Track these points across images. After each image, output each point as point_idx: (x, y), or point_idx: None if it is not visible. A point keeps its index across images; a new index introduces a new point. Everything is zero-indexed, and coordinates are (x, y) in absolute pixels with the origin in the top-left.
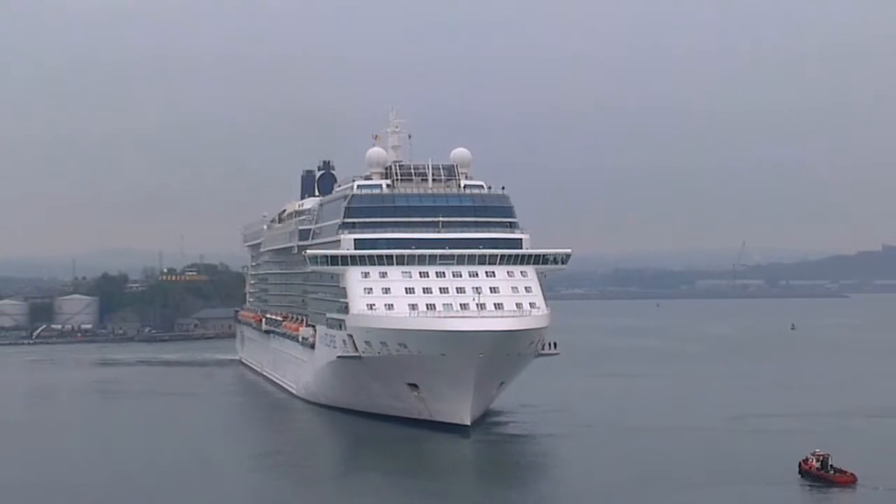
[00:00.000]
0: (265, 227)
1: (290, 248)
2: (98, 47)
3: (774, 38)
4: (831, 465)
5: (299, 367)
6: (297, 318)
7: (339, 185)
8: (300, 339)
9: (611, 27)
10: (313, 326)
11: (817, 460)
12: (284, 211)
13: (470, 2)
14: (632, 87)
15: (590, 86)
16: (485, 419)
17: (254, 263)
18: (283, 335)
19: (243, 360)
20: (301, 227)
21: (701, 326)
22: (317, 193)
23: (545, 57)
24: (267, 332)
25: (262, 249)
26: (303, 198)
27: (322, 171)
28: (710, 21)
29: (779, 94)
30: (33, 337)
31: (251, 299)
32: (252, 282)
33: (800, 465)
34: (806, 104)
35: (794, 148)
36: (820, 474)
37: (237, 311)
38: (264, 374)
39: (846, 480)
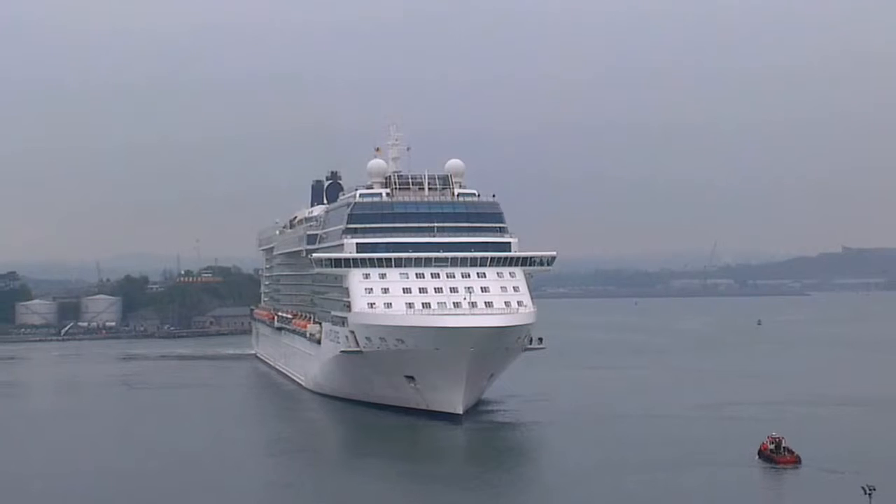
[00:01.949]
0: (278, 232)
1: (300, 251)
2: (123, 67)
3: (745, 56)
4: (784, 448)
5: (307, 361)
6: (305, 316)
7: (344, 194)
8: (308, 335)
9: (593, 49)
10: (320, 323)
11: (771, 443)
12: (296, 218)
13: (465, 27)
14: (612, 104)
15: (574, 103)
16: (476, 408)
17: (268, 266)
18: (293, 331)
19: (258, 355)
20: (309, 233)
21: (675, 322)
22: (325, 201)
23: (533, 76)
24: (279, 328)
25: (274, 253)
26: (312, 205)
27: (330, 181)
28: (681, 42)
29: (747, 110)
30: (62, 334)
31: (265, 299)
32: (266, 282)
33: (760, 447)
34: (773, 119)
35: (760, 159)
36: (771, 456)
37: (253, 310)
38: (276, 367)
39: (788, 461)
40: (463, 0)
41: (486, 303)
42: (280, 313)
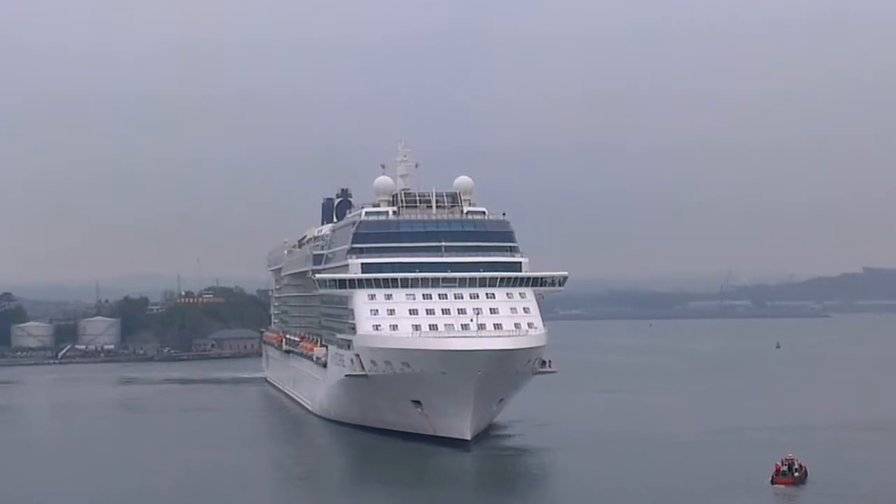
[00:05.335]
0: (286, 252)
1: (306, 271)
2: (127, 84)
3: (756, 74)
4: (796, 469)
5: (314, 385)
6: (313, 339)
7: (351, 212)
8: (315, 358)
9: (609, 63)
10: (326, 346)
11: (783, 464)
12: (305, 237)
13: (474, 43)
14: (626, 120)
15: (585, 121)
16: (487, 433)
17: (277, 287)
18: (301, 355)
19: (268, 379)
20: (315, 253)
21: (691, 345)
22: (335, 220)
23: (544, 96)
24: (287, 351)
25: (282, 273)
26: (323, 224)
27: (340, 199)
28: (689, 61)
29: (766, 127)
30: (58, 357)
31: (275, 321)
32: (275, 304)
33: (774, 470)
34: (792, 137)
35: (780, 177)
36: (777, 480)
37: (263, 332)
38: (285, 391)
39: (788, 482)
40: (473, 15)
41: (494, 325)
42: (288, 336)
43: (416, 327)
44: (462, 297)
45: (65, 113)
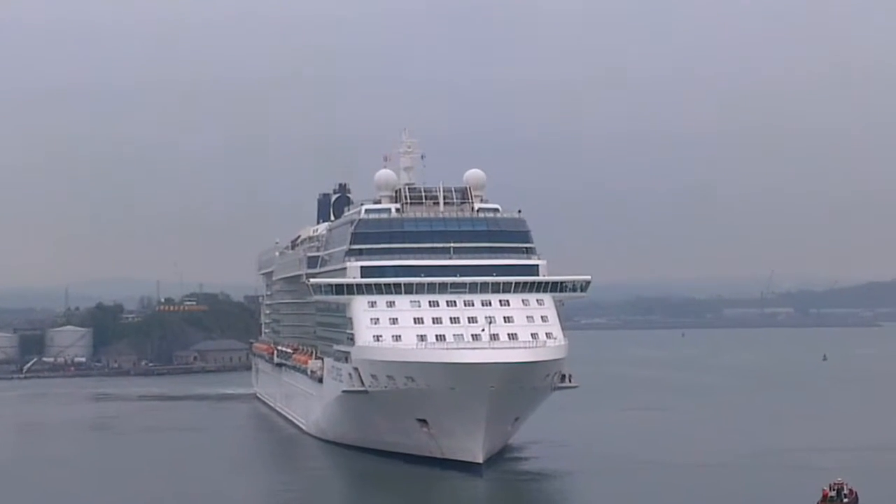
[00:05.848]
0: (277, 254)
1: (300, 276)
2: (103, 70)
3: (791, 60)
4: (845, 494)
5: (308, 402)
6: (307, 351)
7: (350, 209)
8: (309, 372)
9: (627, 53)
10: (322, 359)
11: (831, 489)
12: (299, 237)
13: (484, 27)
14: (651, 111)
15: (609, 110)
16: (501, 456)
17: (268, 293)
18: (294, 368)
19: (258, 395)
20: (309, 255)
21: (727, 357)
22: (332, 218)
23: (564, 81)
24: (279, 364)
25: (274, 278)
26: (318, 223)
27: (337, 195)
28: (725, 45)
29: (815, 117)
30: (24, 371)
31: (266, 330)
32: (266, 312)
33: (822, 495)
34: (842, 127)
35: (827, 171)
36: None
37: (252, 343)
38: (276, 408)
39: None
40: None
41: (509, 334)
42: (280, 347)
43: (422, 338)
44: (473, 304)
45: (33, 103)
